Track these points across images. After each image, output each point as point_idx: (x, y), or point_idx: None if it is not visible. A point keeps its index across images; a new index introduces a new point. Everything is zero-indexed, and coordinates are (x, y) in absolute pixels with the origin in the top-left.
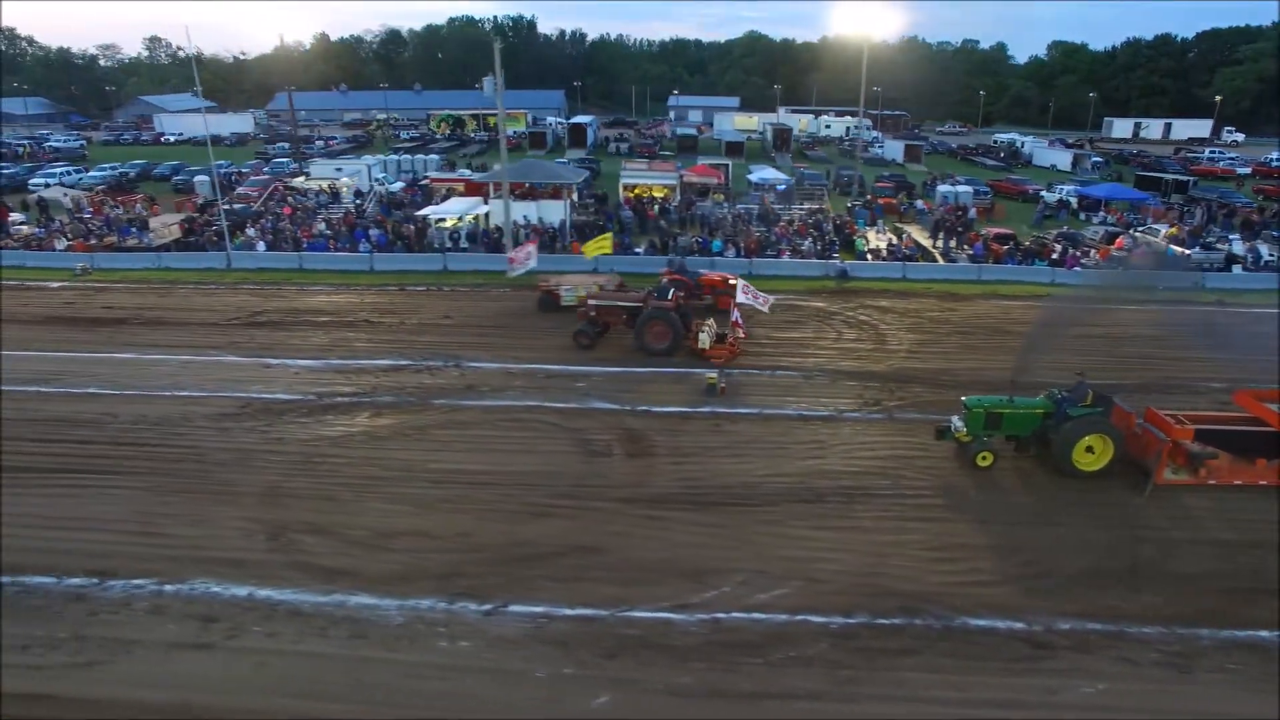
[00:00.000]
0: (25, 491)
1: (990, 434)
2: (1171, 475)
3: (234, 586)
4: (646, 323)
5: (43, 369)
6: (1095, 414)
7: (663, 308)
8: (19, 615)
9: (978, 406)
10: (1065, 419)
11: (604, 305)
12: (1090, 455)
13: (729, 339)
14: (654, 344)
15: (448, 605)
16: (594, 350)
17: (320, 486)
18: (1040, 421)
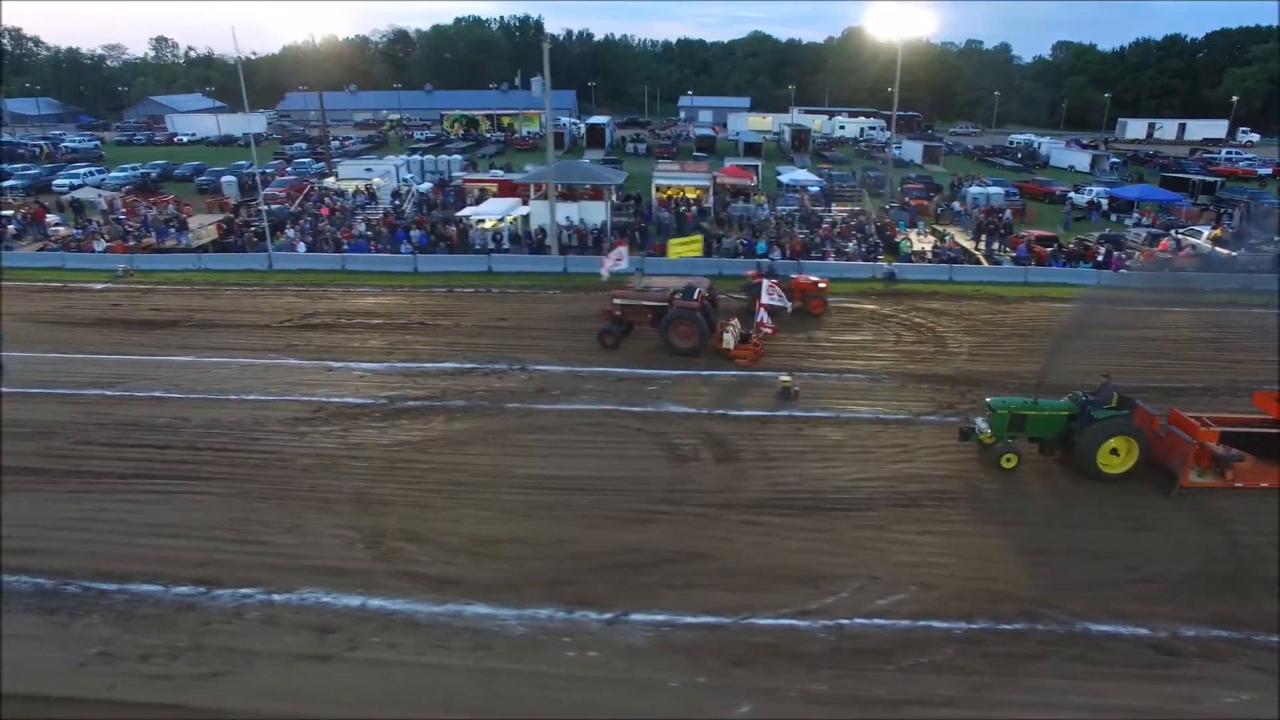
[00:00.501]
0: (110, 497)
1: (1014, 435)
2: (1197, 478)
3: (344, 596)
4: (672, 322)
5: (102, 372)
6: (1120, 416)
7: (688, 308)
8: (133, 624)
9: (1003, 408)
10: (1090, 421)
11: (629, 305)
12: (1115, 458)
13: (753, 339)
14: (679, 343)
15: (567, 614)
16: (618, 350)
17: (409, 493)
18: (1065, 424)
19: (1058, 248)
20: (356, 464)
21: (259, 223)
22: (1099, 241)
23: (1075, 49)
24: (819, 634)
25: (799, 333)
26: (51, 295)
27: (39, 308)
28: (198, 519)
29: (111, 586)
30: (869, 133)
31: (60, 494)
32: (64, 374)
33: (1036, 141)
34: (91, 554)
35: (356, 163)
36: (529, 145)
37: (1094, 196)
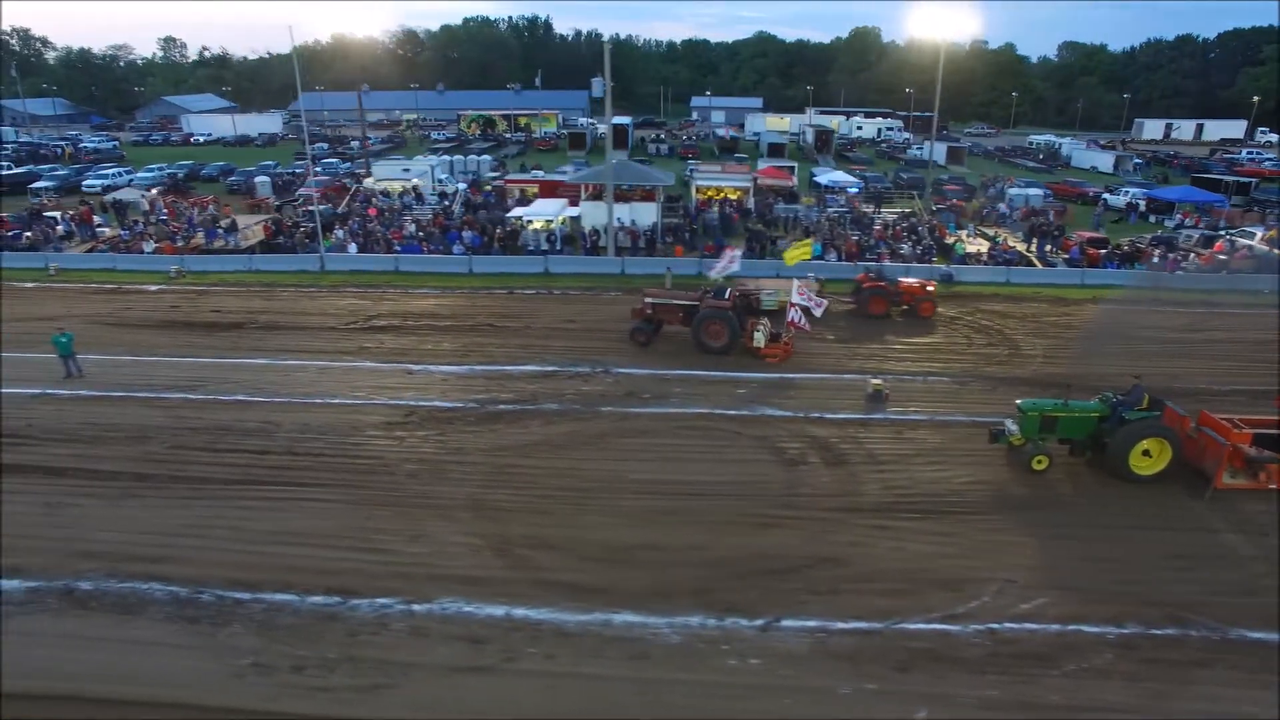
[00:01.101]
0: (221, 503)
1: (1045, 437)
2: (1230, 480)
3: (486, 606)
4: (704, 322)
5: (180, 375)
6: (1152, 417)
7: (720, 307)
8: (278, 634)
9: (1033, 410)
10: (1121, 422)
11: (661, 304)
12: (1147, 459)
13: (783, 338)
14: (711, 342)
15: (719, 622)
16: (649, 348)
17: (526, 499)
18: (1095, 425)
19: (1111, 250)
20: (462, 469)
21: (307, 223)
22: (1152, 243)
23: (1085, 49)
24: (973, 638)
25: (872, 335)
26: (108, 297)
27: (99, 310)
28: (316, 526)
29: (245, 595)
30: (886, 133)
31: (170, 500)
32: (142, 377)
33: (1057, 142)
34: (217, 562)
35: (392, 163)
36: (550, 146)
37: (1132, 198)
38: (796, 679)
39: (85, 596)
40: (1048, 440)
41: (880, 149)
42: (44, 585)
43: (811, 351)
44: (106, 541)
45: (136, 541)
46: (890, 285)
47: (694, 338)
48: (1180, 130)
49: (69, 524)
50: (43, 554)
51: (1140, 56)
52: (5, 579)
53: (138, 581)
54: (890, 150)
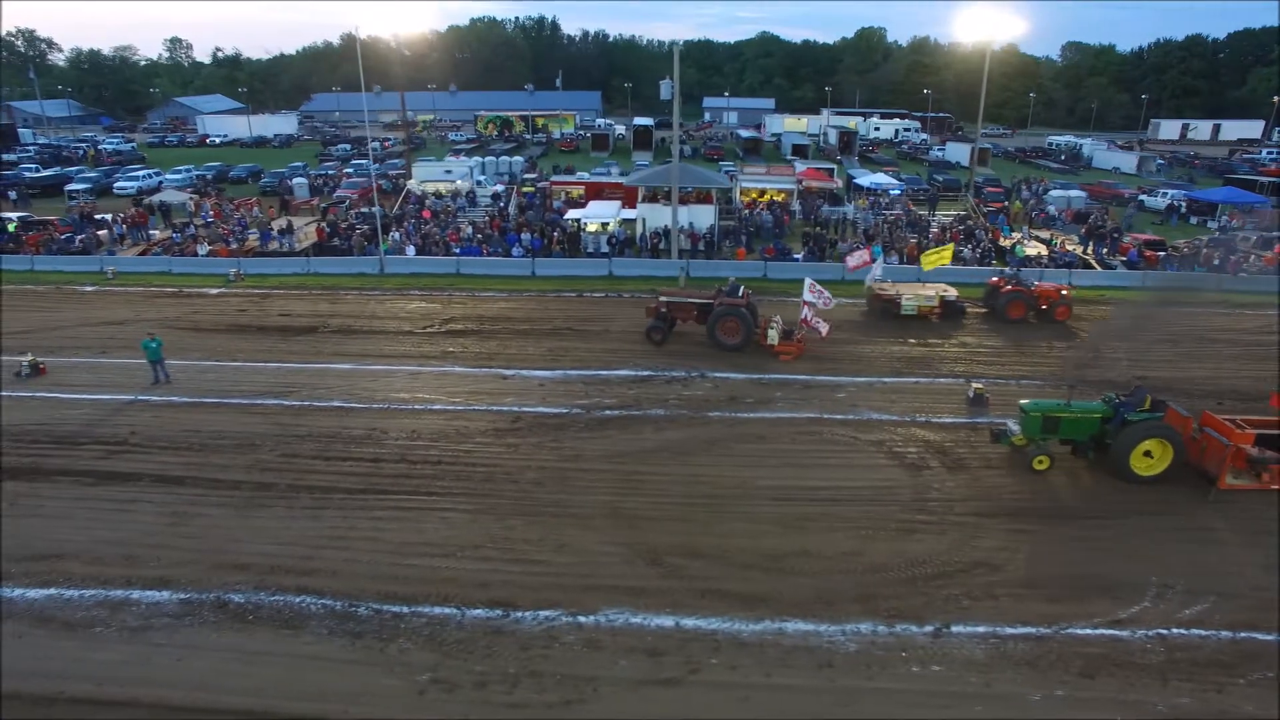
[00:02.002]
0: (353, 514)
1: (1047, 438)
2: (1233, 480)
3: (655, 617)
4: (719, 319)
5: (270, 380)
6: (1154, 418)
7: (734, 305)
8: (449, 649)
9: (1035, 410)
10: (1124, 423)
11: (675, 302)
12: (1148, 460)
13: (796, 335)
14: (726, 339)
15: (889, 629)
16: (664, 344)
17: (662, 506)
18: (1098, 426)
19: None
20: (587, 476)
21: (362, 225)
22: (1210, 245)
23: (1092, 50)
24: (1146, 644)
25: (957, 338)
26: (172, 300)
27: (167, 314)
28: (456, 536)
29: (404, 609)
30: (904, 134)
31: (297, 510)
32: (230, 382)
33: (1077, 143)
34: (365, 574)
35: (433, 165)
36: (572, 147)
37: (1172, 199)
38: (984, 685)
39: (240, 610)
40: (1050, 441)
41: (901, 150)
42: (195, 597)
43: (893, 355)
44: (247, 553)
45: (277, 553)
46: (1027, 289)
47: (709, 335)
48: (1197, 130)
49: (200, 534)
50: (185, 565)
51: (1149, 57)
52: (154, 590)
53: (289, 594)
54: (912, 151)
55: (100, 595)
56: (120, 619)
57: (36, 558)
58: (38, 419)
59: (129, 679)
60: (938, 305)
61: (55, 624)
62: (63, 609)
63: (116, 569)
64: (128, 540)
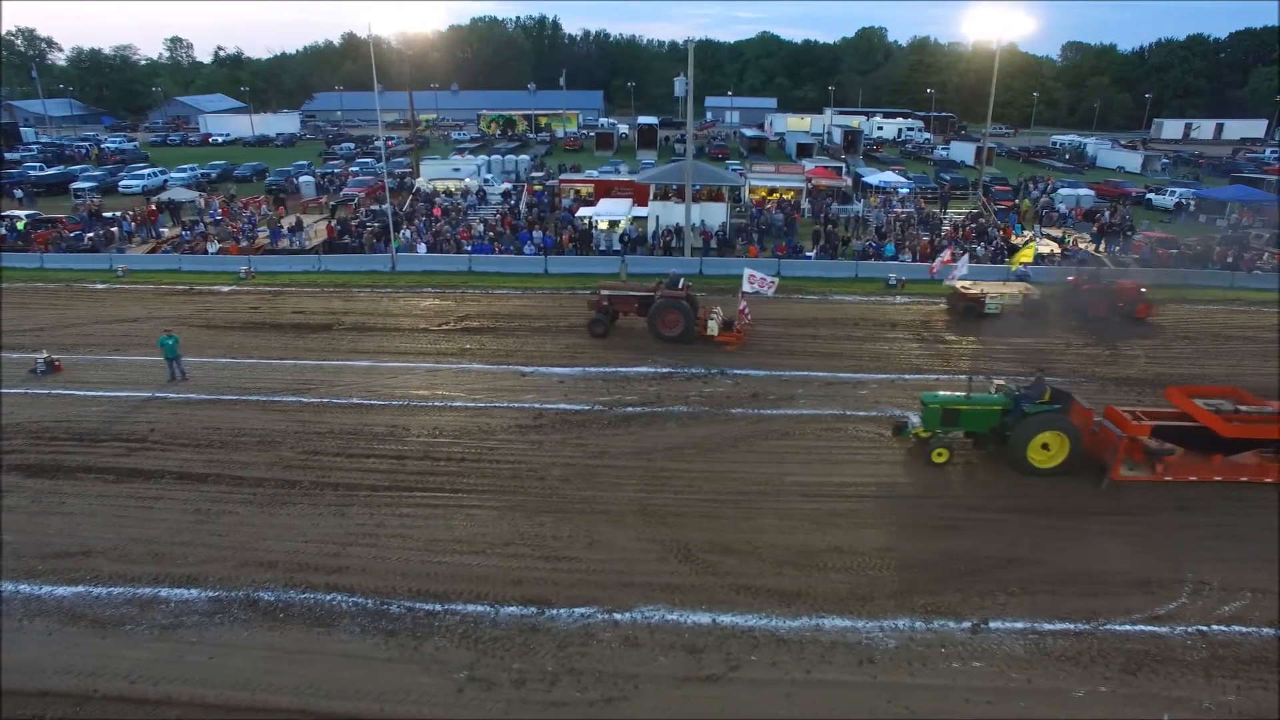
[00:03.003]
0: (379, 511)
1: (947, 430)
2: (1128, 471)
3: (691, 613)
4: (660, 311)
5: (287, 378)
6: (1052, 410)
7: (674, 297)
8: (485, 646)
9: (934, 403)
10: (1022, 415)
11: (616, 295)
12: (1046, 452)
13: (736, 326)
14: (666, 331)
15: (927, 624)
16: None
17: (691, 502)
18: (998, 418)
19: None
20: (614, 473)
21: (373, 223)
22: (1223, 244)
23: (1093, 50)
24: (1186, 641)
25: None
26: (184, 298)
27: (180, 311)
28: (485, 533)
29: (436, 606)
30: (907, 133)
31: (322, 508)
32: (247, 380)
33: (1081, 143)
34: (395, 571)
35: (442, 163)
36: (576, 146)
37: (1180, 198)
38: (1025, 681)
39: (271, 607)
40: (950, 433)
41: (904, 149)
42: (225, 596)
43: (917, 352)
44: (274, 550)
45: (305, 550)
46: (1109, 286)
47: (650, 327)
48: (1200, 130)
49: (226, 532)
50: (213, 563)
51: (1151, 56)
52: (183, 588)
53: (319, 592)
54: (916, 150)
55: (129, 593)
56: (150, 617)
57: (63, 555)
58: (56, 416)
59: (162, 677)
60: (1021, 305)
61: (85, 621)
62: (92, 606)
63: (144, 566)
64: (154, 538)
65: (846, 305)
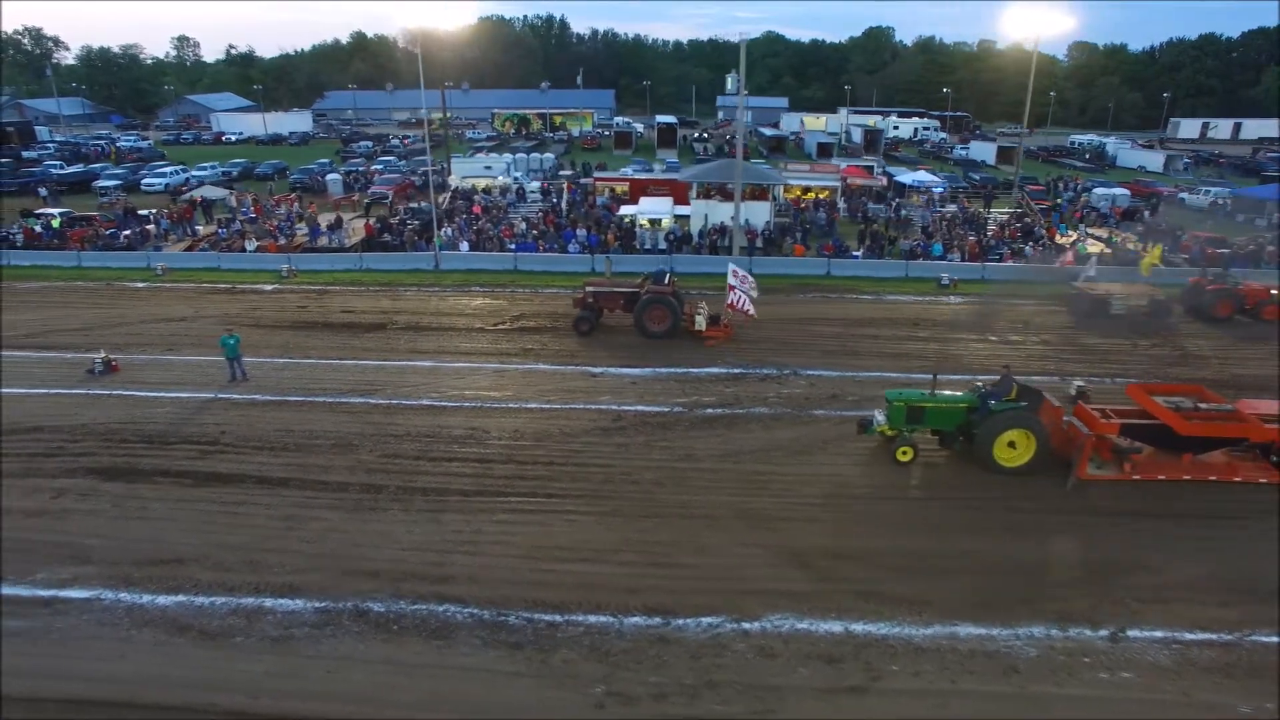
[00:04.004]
0: (474, 517)
1: (913, 428)
2: (1095, 470)
3: (821, 622)
4: (646, 307)
5: (348, 378)
6: (1018, 408)
7: (661, 293)
8: (615, 659)
9: (899, 400)
10: (987, 413)
11: (602, 292)
12: (1012, 450)
13: (723, 321)
14: (653, 327)
15: (1063, 632)
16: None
17: (790, 506)
18: (964, 416)
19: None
20: (706, 476)
21: (413, 221)
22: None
23: (1103, 50)
24: None
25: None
26: (226, 297)
27: (227, 310)
28: (588, 540)
29: (556, 617)
30: (923, 133)
31: (414, 513)
32: (309, 380)
33: (1101, 142)
34: (503, 579)
35: (471, 161)
36: (594, 145)
37: (1216, 197)
38: (1182, 694)
39: (383, 619)
40: (916, 431)
41: (922, 149)
42: (333, 606)
43: (986, 353)
44: (373, 559)
45: (405, 559)
46: (1234, 287)
47: (636, 323)
48: (1217, 129)
49: (318, 538)
50: (311, 572)
51: (1161, 56)
52: (286, 598)
53: (430, 603)
54: (935, 150)
55: (232, 603)
56: (258, 628)
57: (155, 562)
58: (122, 417)
59: (281, 691)
60: (1147, 306)
61: (193, 632)
62: (196, 617)
63: (241, 575)
64: (245, 545)
65: (902, 305)
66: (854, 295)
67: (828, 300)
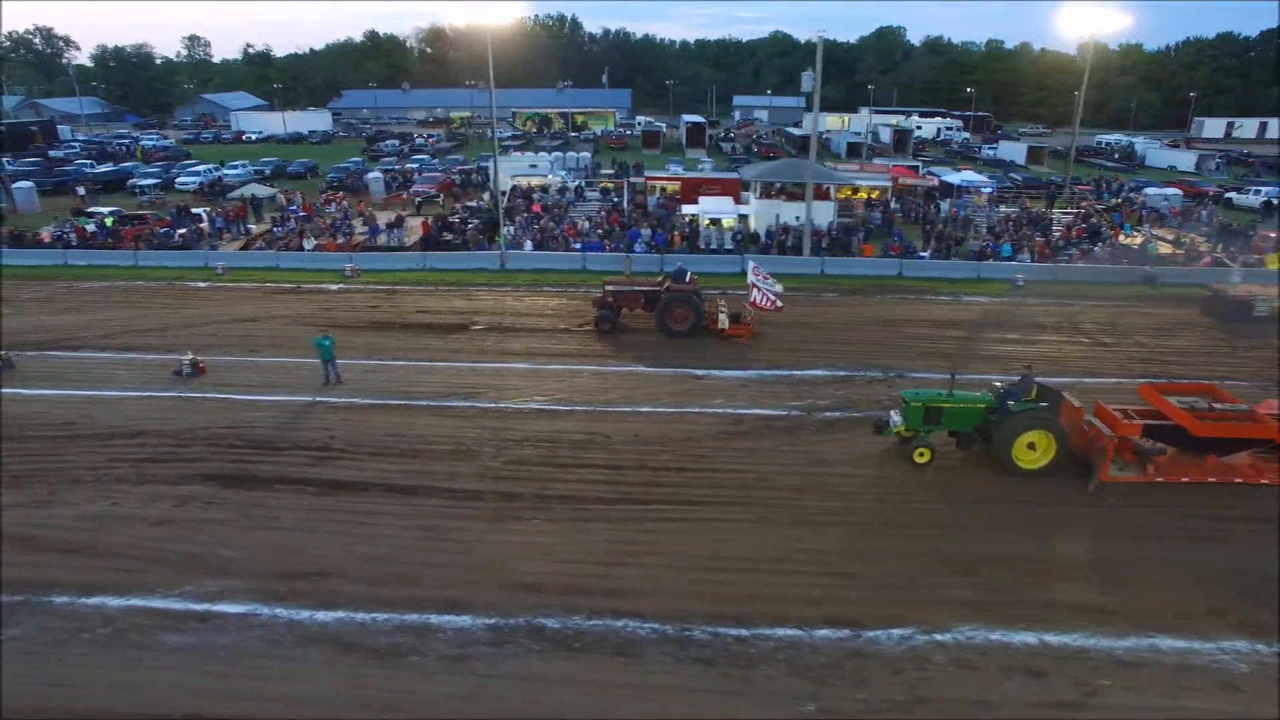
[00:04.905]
0: (617, 525)
1: (929, 429)
2: (1118, 472)
3: (1011, 633)
4: (669, 306)
5: (446, 380)
6: (1038, 409)
7: (683, 291)
8: (815, 674)
9: (916, 400)
10: (1006, 414)
11: (622, 291)
12: (1032, 452)
13: (744, 319)
14: (675, 326)
15: (1269, 647)
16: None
17: (939, 512)
18: (982, 416)
19: None
20: (846, 482)
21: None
22: None
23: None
24: None
25: (1133, 337)
26: (294, 297)
27: (298, 310)
28: (745, 549)
29: (742, 631)
30: (946, 133)
31: (560, 523)
32: (407, 382)
33: (1129, 142)
34: (672, 592)
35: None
36: (621, 144)
37: (1268, 197)
38: None
39: (561, 636)
40: (933, 432)
41: (948, 149)
42: (504, 623)
43: (1087, 354)
44: (530, 571)
45: (565, 571)
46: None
47: (658, 322)
48: (1241, 129)
49: (464, 550)
50: (468, 585)
51: (1178, 55)
52: (451, 614)
53: (605, 618)
54: (963, 150)
55: (395, 619)
56: (432, 647)
57: (299, 575)
58: (223, 421)
59: (474, 716)
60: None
61: (361, 651)
62: (360, 634)
63: (393, 589)
64: (388, 557)
65: (982, 307)
66: (931, 296)
67: (906, 301)
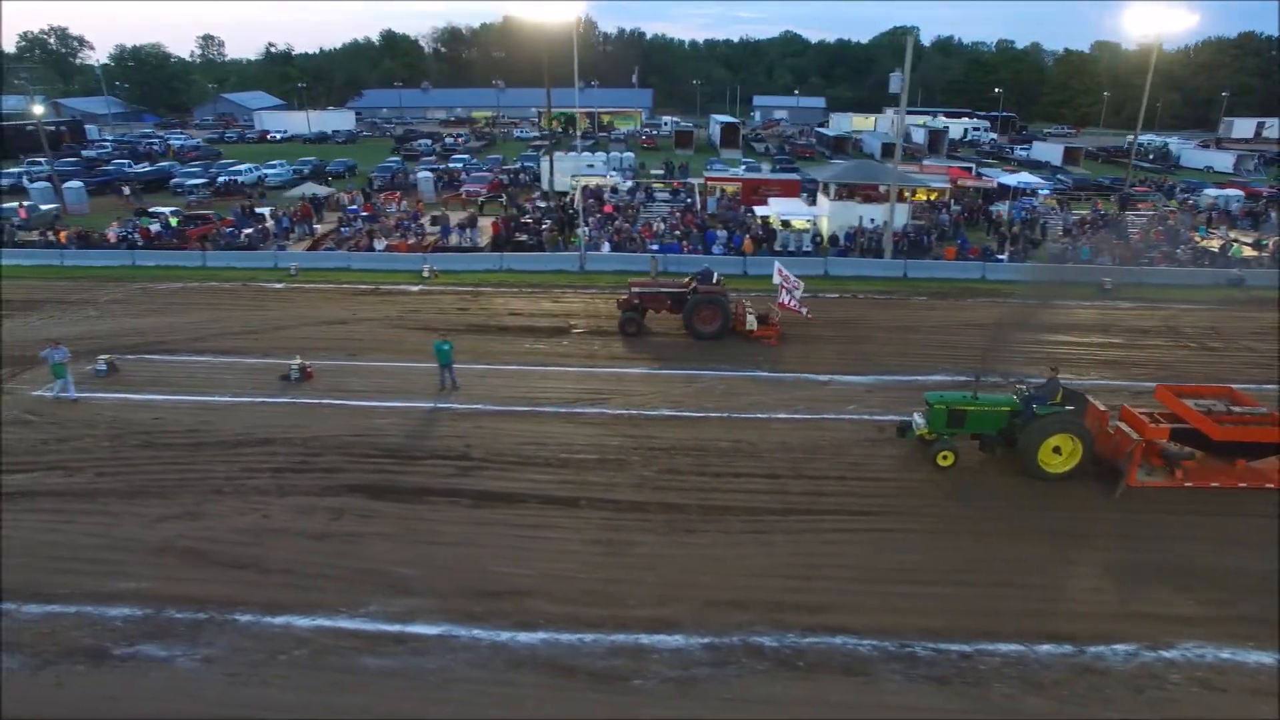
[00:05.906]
0: (792, 536)
1: (953, 432)
2: (1145, 477)
3: (1246, 653)
4: (697, 307)
5: (566, 385)
6: (1064, 412)
7: (712, 293)
8: (1052, 691)
9: (939, 403)
10: (1032, 418)
11: (648, 292)
12: (1058, 456)
13: (772, 319)
14: (703, 327)
15: None
16: None
17: (1098, 522)
18: (1007, 419)
19: None
20: (999, 490)
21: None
22: None
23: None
24: None
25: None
26: (376, 299)
27: (386, 313)
28: (929, 561)
29: (964, 647)
30: (973, 134)
31: (737, 535)
32: (525, 388)
33: (1164, 142)
34: (877, 608)
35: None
36: (652, 144)
37: None
38: None
39: (783, 656)
40: (957, 435)
41: (979, 150)
42: (719, 642)
43: (1191, 361)
44: (729, 587)
45: (762, 586)
46: None
47: (686, 324)
48: (1271, 128)
49: (649, 565)
50: (670, 604)
51: (1197, 55)
52: (661, 634)
53: (823, 635)
54: (995, 150)
55: (604, 640)
56: (653, 669)
57: (492, 594)
58: (347, 429)
59: None
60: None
61: (581, 674)
62: (573, 656)
63: (592, 609)
64: (573, 574)
65: (1075, 310)
66: (1019, 300)
67: (997, 306)
